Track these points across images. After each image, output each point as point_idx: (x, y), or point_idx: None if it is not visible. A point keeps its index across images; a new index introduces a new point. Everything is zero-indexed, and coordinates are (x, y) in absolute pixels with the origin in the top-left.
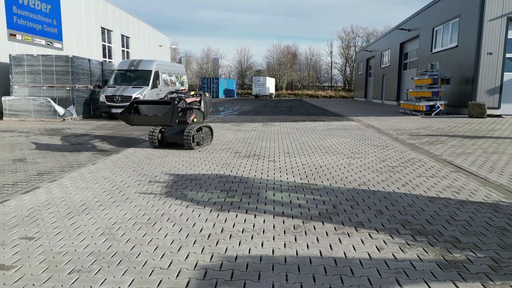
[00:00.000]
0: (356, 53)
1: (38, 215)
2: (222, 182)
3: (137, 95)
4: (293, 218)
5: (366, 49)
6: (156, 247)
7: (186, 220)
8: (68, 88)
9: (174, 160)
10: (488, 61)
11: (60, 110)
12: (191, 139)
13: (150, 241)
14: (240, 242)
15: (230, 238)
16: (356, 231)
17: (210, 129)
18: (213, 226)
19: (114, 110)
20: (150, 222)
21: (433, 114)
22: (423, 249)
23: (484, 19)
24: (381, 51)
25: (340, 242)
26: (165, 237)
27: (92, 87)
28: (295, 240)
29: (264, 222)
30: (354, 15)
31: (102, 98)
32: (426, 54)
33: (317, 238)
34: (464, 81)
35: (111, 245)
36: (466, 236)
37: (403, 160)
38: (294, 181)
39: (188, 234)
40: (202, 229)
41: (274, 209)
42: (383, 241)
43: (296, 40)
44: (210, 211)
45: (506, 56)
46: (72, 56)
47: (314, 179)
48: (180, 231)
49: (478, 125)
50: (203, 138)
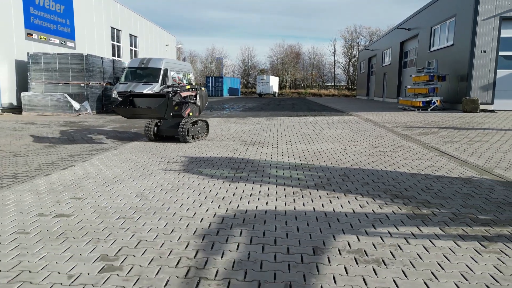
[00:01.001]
0: (359, 52)
1: (80, 184)
2: (232, 162)
3: (147, 92)
4: (293, 187)
5: (368, 48)
6: (182, 204)
7: (203, 188)
8: (83, 85)
9: (188, 146)
10: (482, 59)
11: (76, 105)
12: (186, 133)
13: (176, 201)
14: (249, 202)
15: (241, 199)
16: (345, 196)
17: (206, 123)
18: (226, 192)
19: None
20: (174, 189)
21: (430, 110)
22: (398, 207)
23: (478, 19)
24: (383, 50)
25: (331, 202)
26: (188, 198)
27: (105, 84)
28: (294, 201)
29: (268, 190)
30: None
31: (115, 94)
32: (425, 53)
33: (312, 200)
34: (459, 78)
35: (145, 203)
36: (435, 199)
37: (394, 147)
38: (294, 162)
39: (206, 197)
40: (217, 194)
41: (277, 181)
42: (366, 202)
43: (300, 40)
44: (223, 182)
45: (499, 54)
46: (87, 54)
47: (312, 161)
48: (199, 195)
49: (470, 119)
50: (199, 132)
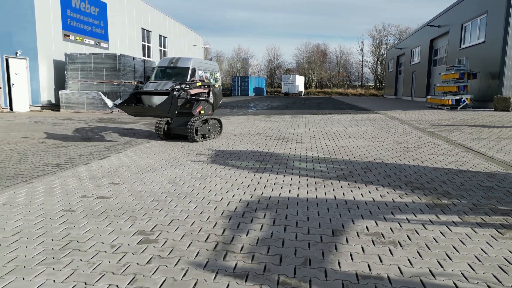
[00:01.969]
0: (387, 51)
1: (117, 172)
2: (256, 155)
3: None
4: (315, 178)
5: (397, 47)
6: (210, 190)
7: (230, 177)
8: (116, 83)
9: (215, 141)
10: None
11: (109, 103)
12: (194, 132)
13: (205, 187)
14: (272, 190)
15: (265, 187)
16: (365, 186)
17: (219, 122)
18: (251, 181)
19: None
20: (202, 177)
21: (459, 108)
22: (418, 197)
23: (511, 15)
24: (411, 48)
25: (351, 192)
26: (215, 186)
27: (136, 83)
28: (315, 190)
29: (291, 180)
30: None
31: None
32: (455, 50)
33: (333, 189)
34: (491, 76)
35: (176, 189)
36: (457, 191)
37: (419, 143)
38: (318, 156)
39: (232, 184)
40: (243, 182)
41: (300, 173)
42: (386, 192)
43: (326, 39)
44: (248, 172)
45: None
46: (119, 54)
47: (335, 155)
48: (226, 183)
49: (501, 117)
50: (209, 131)
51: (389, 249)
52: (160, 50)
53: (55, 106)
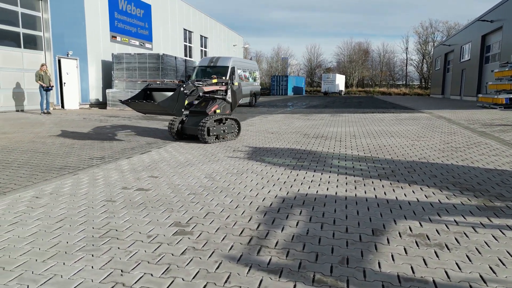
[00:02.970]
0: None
1: (156, 166)
2: (294, 153)
3: None
4: (354, 176)
5: (445, 43)
6: (245, 186)
7: (266, 173)
8: (158, 82)
9: (252, 138)
10: None
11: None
12: (206, 132)
13: (240, 183)
14: (309, 187)
15: (301, 185)
16: (409, 186)
17: (237, 122)
18: (287, 177)
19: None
20: (239, 173)
21: None
22: (468, 199)
23: None
24: (461, 45)
25: (394, 191)
26: (251, 181)
27: (177, 82)
28: (355, 188)
29: (329, 177)
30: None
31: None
32: (510, 46)
33: (374, 188)
34: None
35: (213, 183)
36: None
37: (469, 143)
38: (358, 155)
39: (268, 181)
40: (279, 178)
41: (338, 171)
42: (432, 193)
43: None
44: (284, 169)
45: None
46: (162, 54)
47: (377, 154)
48: (262, 179)
49: None
50: (225, 132)
51: (435, 252)
52: (201, 50)
53: (103, 104)
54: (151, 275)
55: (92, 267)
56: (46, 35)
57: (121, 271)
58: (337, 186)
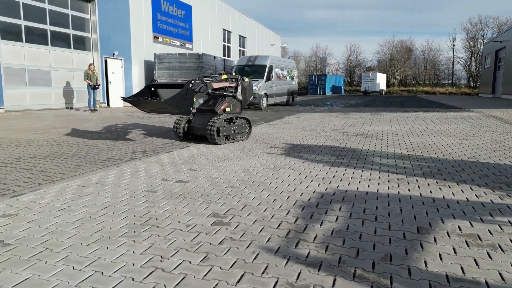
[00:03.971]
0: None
1: (195, 160)
2: (332, 150)
3: (254, 87)
4: (397, 174)
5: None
6: (283, 181)
7: (304, 169)
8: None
9: (289, 135)
10: None
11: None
12: (215, 132)
13: (278, 178)
14: (349, 183)
15: (341, 181)
16: (457, 185)
17: (248, 122)
18: (326, 174)
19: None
20: (276, 168)
21: None
22: None
23: None
24: None
25: (440, 190)
26: (289, 177)
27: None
28: (398, 186)
29: (370, 175)
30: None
31: None
32: None
33: (418, 186)
34: None
35: (250, 177)
36: None
37: None
38: (401, 153)
39: (306, 176)
40: (317, 175)
41: (380, 168)
42: (483, 192)
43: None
44: (323, 166)
45: None
46: (202, 54)
47: (421, 152)
48: (300, 174)
49: None
50: (235, 132)
51: (487, 253)
52: (240, 50)
53: None
54: (189, 262)
55: (133, 252)
56: (94, 36)
57: (161, 257)
58: (379, 184)
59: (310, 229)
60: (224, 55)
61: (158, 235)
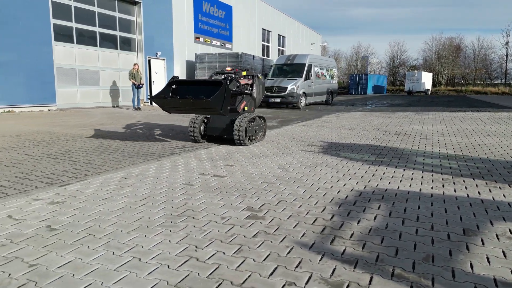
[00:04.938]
0: None
1: (232, 156)
2: (372, 149)
3: (292, 86)
4: (442, 174)
5: None
6: (319, 178)
7: (341, 167)
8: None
9: (327, 133)
10: None
11: None
12: (244, 133)
13: (314, 175)
14: (390, 182)
15: (381, 180)
16: (509, 186)
17: (264, 121)
18: (365, 172)
19: (272, 100)
20: (312, 165)
21: None
22: None
23: None
24: None
25: (490, 191)
26: (325, 174)
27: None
28: (443, 186)
29: (413, 174)
30: None
31: None
32: None
33: (465, 187)
34: None
35: (286, 174)
36: None
37: None
38: (447, 153)
39: (344, 174)
40: (356, 173)
41: (423, 168)
42: None
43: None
44: (362, 164)
45: None
46: (241, 53)
47: (469, 153)
48: (337, 172)
49: None
50: (256, 132)
51: None
52: (279, 50)
53: None
54: (223, 253)
55: (170, 241)
56: (139, 37)
57: (196, 247)
58: (422, 183)
59: (347, 226)
60: (263, 55)
61: (194, 226)
